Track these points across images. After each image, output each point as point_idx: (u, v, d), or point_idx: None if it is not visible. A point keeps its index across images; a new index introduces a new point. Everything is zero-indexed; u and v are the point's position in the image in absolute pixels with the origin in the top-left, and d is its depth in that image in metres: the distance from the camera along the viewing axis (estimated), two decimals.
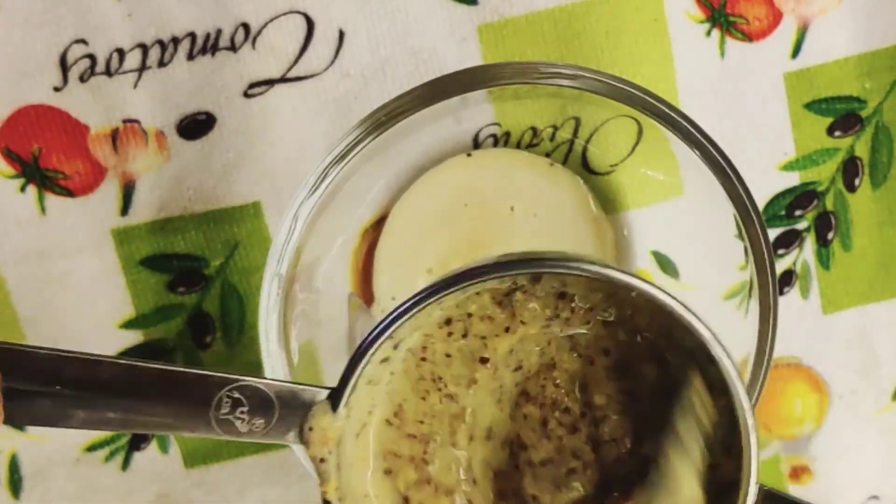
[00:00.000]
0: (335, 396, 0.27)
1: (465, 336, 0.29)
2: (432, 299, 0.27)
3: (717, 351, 0.27)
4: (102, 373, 0.25)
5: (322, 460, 0.27)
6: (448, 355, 0.29)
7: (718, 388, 0.27)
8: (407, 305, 0.27)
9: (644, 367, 0.30)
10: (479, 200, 0.36)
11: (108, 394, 0.25)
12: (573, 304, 0.29)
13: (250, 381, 0.26)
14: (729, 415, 0.27)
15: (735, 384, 0.27)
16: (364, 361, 0.27)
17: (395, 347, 0.28)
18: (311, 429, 0.27)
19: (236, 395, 0.26)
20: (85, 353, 0.25)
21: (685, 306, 0.27)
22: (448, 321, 0.29)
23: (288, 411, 0.27)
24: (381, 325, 0.27)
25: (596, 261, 0.27)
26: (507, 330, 0.29)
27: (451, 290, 0.27)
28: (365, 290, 0.37)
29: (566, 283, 0.29)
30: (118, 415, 0.25)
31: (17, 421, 0.24)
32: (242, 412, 0.26)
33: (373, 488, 0.29)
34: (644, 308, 0.29)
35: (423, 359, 0.29)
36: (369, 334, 0.27)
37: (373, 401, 0.29)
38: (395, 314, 0.27)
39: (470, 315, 0.29)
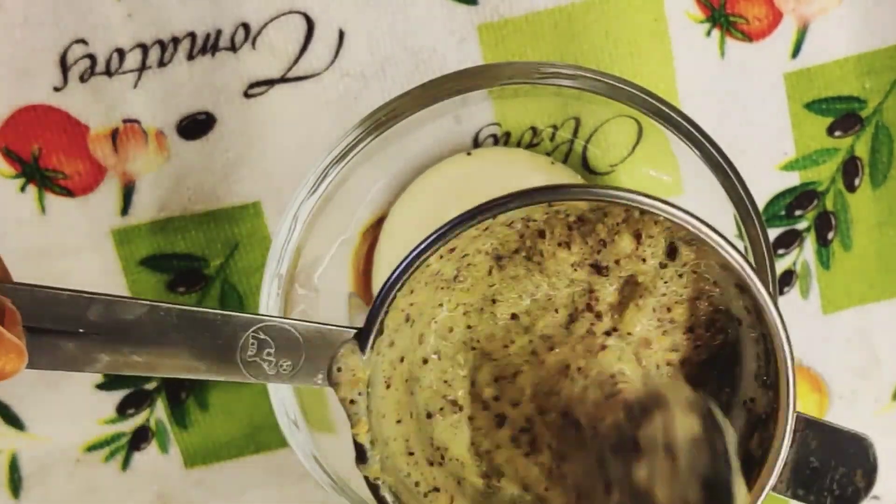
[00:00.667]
0: (363, 337, 0.27)
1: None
2: (451, 234, 0.27)
3: (749, 276, 0.26)
4: (126, 313, 0.24)
5: (352, 402, 0.27)
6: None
7: (752, 318, 0.27)
8: (431, 239, 0.26)
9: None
10: (478, 199, 0.36)
11: (133, 336, 0.24)
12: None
13: (276, 321, 0.26)
14: (763, 345, 0.27)
15: (772, 313, 0.26)
16: (389, 299, 0.27)
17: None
18: (339, 369, 0.26)
19: (262, 336, 0.25)
20: (107, 294, 0.24)
21: (722, 236, 0.27)
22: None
23: (315, 352, 0.26)
24: (405, 263, 0.26)
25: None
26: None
27: (471, 223, 0.27)
28: (365, 290, 0.37)
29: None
30: (143, 358, 0.24)
31: (41, 365, 0.23)
32: (269, 353, 0.26)
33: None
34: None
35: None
36: (393, 273, 0.26)
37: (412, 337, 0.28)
38: (418, 249, 0.26)
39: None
